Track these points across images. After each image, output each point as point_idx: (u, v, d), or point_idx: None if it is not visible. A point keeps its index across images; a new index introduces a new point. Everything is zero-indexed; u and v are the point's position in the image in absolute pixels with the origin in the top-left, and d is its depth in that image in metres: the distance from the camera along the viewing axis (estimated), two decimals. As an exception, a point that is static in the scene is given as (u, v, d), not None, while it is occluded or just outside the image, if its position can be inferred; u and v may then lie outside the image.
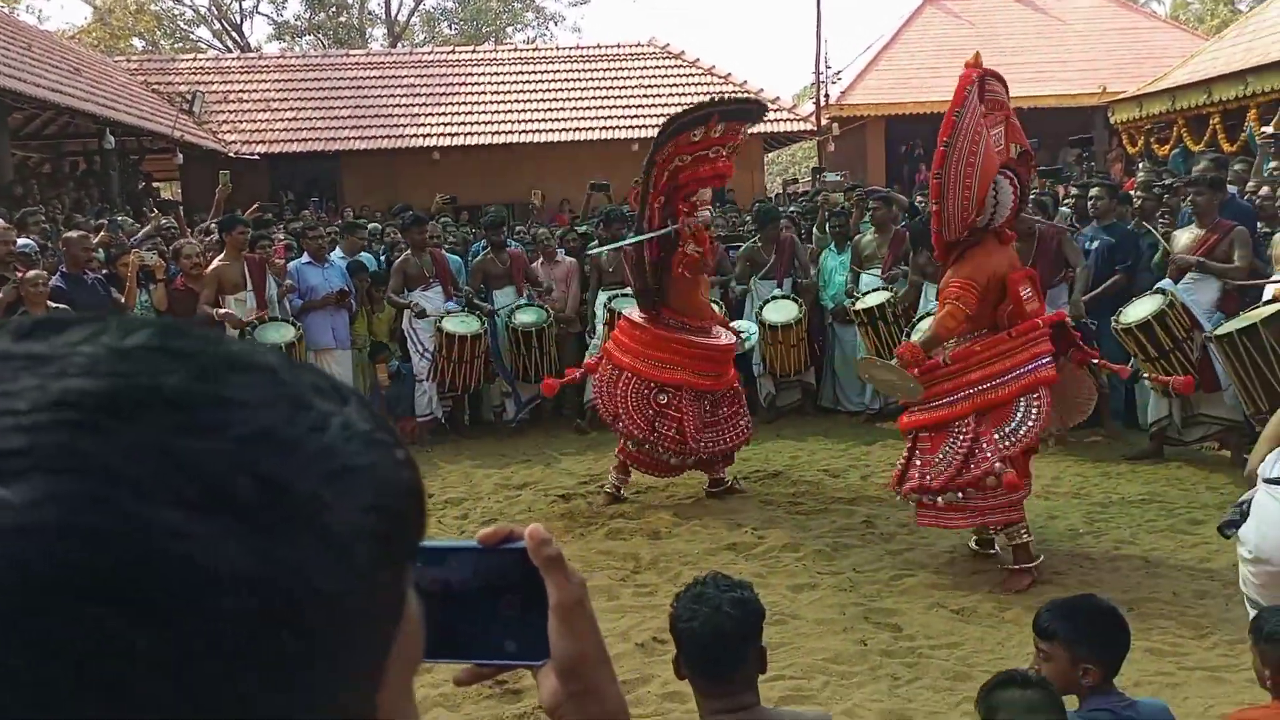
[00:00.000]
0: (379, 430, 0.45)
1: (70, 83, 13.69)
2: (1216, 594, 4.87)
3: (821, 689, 4.15)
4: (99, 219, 10.04)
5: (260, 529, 0.38)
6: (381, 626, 0.44)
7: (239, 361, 0.42)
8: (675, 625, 2.32)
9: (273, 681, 0.38)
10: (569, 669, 0.73)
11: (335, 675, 0.40)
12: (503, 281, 9.06)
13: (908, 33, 20.87)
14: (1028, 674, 2.32)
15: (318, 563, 0.39)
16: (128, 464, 0.36)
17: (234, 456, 0.38)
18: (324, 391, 0.43)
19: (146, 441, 0.37)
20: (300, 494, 0.39)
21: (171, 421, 0.38)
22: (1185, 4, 35.46)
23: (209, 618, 0.36)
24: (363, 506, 0.42)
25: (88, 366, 0.39)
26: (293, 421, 0.41)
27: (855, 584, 5.27)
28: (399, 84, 19.28)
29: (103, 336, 0.40)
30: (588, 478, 7.51)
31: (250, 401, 0.40)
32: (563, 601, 0.72)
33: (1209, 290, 7.00)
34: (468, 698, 4.19)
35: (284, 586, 0.38)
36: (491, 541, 0.73)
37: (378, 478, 0.43)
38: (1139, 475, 6.93)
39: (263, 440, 0.39)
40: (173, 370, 0.39)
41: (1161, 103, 14.20)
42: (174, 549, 0.36)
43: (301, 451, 0.40)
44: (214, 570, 0.36)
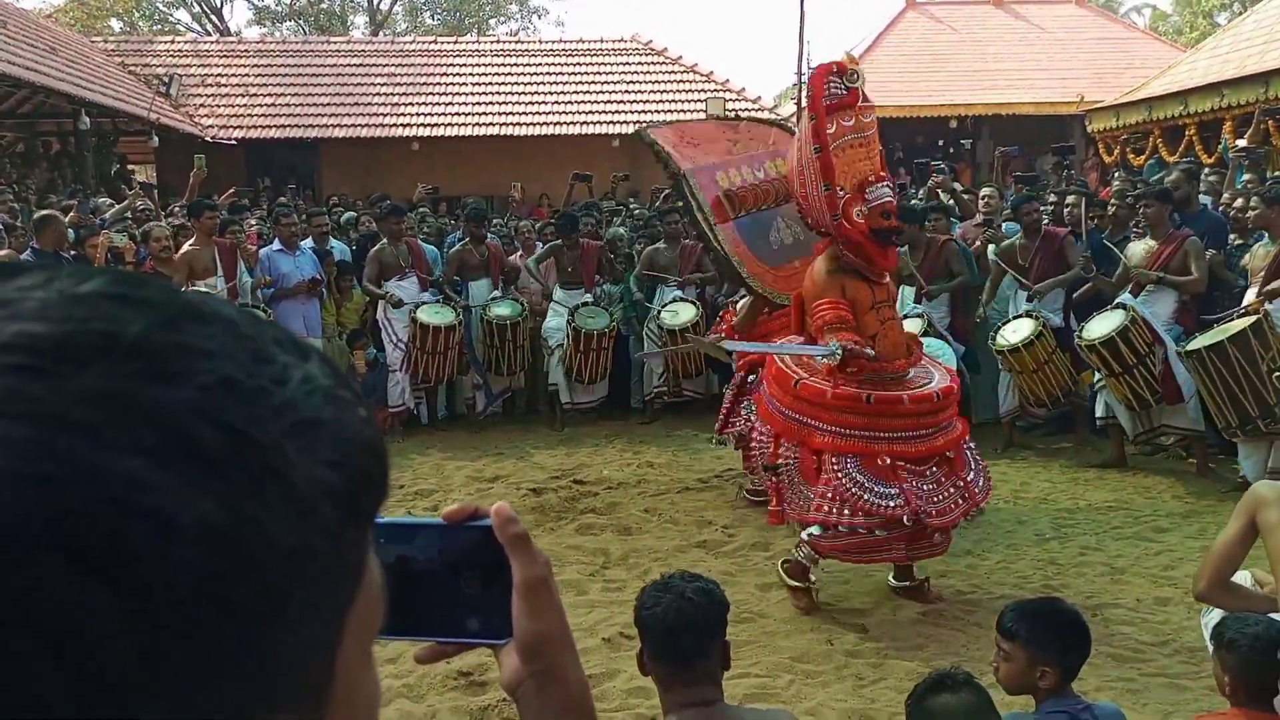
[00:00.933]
0: (340, 387, 0.43)
1: (46, 61, 13.53)
2: (1179, 601, 4.92)
3: (787, 687, 4.16)
4: (72, 199, 9.93)
5: (223, 479, 0.36)
6: (342, 587, 0.43)
7: (199, 311, 0.40)
8: (639, 614, 2.33)
9: (233, 637, 0.36)
10: (531, 648, 0.73)
11: (295, 634, 0.39)
12: (479, 273, 9.02)
13: (889, 36, 20.93)
14: (956, 675, 2.32)
15: (281, 517, 0.38)
16: (83, 410, 0.35)
17: (196, 405, 0.37)
18: (285, 345, 0.42)
19: (103, 387, 0.35)
20: (263, 445, 0.38)
21: (129, 368, 0.36)
22: (1164, 16, 35.78)
23: (169, 570, 0.34)
24: (325, 461, 0.40)
25: (39, 311, 0.37)
26: (254, 373, 0.39)
27: (823, 584, 5.28)
28: (380, 73, 19.16)
29: (56, 282, 0.39)
30: (559, 471, 7.50)
31: (212, 351, 0.39)
32: (527, 580, 0.71)
33: (1166, 303, 7.07)
34: (432, 688, 4.17)
35: (246, 539, 0.36)
36: (457, 518, 0.72)
37: (341, 434, 0.42)
38: (1106, 482, 6.99)
39: (225, 390, 0.38)
40: (131, 318, 0.38)
41: (1138, 113, 14.32)
42: (133, 498, 0.34)
43: (264, 402, 0.39)
44: (175, 520, 0.35)
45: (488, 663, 4.27)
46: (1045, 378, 7.37)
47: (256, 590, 0.37)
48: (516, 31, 32.63)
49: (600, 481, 7.22)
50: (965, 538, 5.93)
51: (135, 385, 0.36)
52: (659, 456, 7.79)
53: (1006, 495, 6.78)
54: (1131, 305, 6.90)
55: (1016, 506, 6.55)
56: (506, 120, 17.93)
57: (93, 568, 0.33)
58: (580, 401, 8.91)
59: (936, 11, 21.88)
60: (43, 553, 0.33)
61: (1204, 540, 5.83)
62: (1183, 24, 33.92)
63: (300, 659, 0.40)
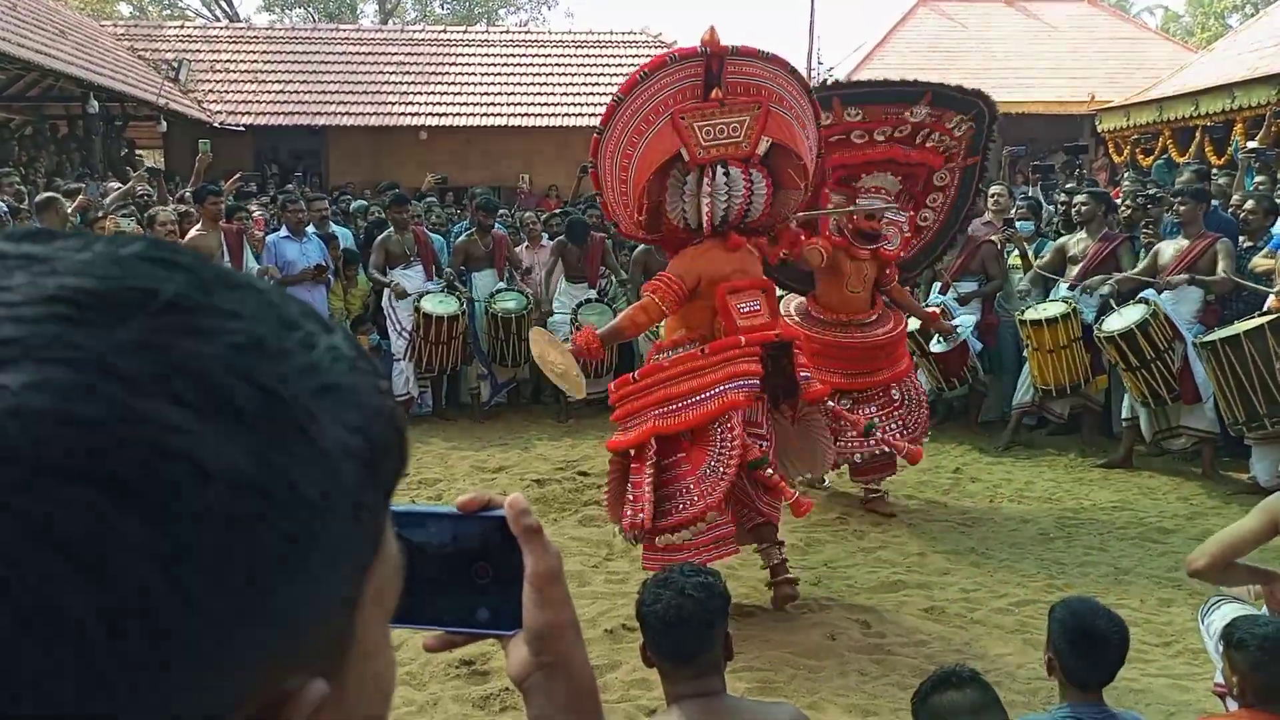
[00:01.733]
0: (362, 359, 0.45)
1: (55, 45, 13.52)
2: (1182, 603, 4.91)
3: (789, 682, 4.16)
4: (79, 183, 9.92)
5: (252, 432, 0.38)
6: (362, 549, 0.44)
7: (231, 278, 0.42)
8: (640, 609, 2.33)
9: (257, 584, 0.38)
10: (541, 640, 0.73)
11: (317, 589, 0.40)
12: (484, 264, 9.01)
13: (900, 32, 20.88)
14: (962, 672, 2.32)
15: (308, 472, 0.39)
16: (122, 359, 0.37)
17: (229, 360, 0.39)
18: (311, 316, 0.44)
19: (141, 339, 0.37)
20: (291, 403, 0.40)
21: (167, 323, 0.38)
22: (1176, 17, 35.67)
23: (201, 512, 0.36)
24: (349, 426, 0.42)
25: (82, 268, 0.39)
26: (282, 336, 0.41)
27: (826, 579, 5.28)
28: (389, 61, 19.13)
29: (97, 245, 0.41)
30: (564, 463, 7.50)
31: (243, 313, 0.41)
32: (540, 572, 0.71)
33: (1190, 302, 7.04)
34: (434, 677, 4.18)
35: (274, 491, 0.38)
36: (470, 508, 0.72)
37: (363, 401, 0.43)
38: (1111, 483, 6.98)
39: (257, 349, 0.40)
40: (168, 278, 0.40)
41: (1149, 113, 14.27)
42: (169, 442, 0.36)
43: (293, 364, 0.41)
44: (208, 466, 0.36)
45: (490, 652, 4.27)
46: (1059, 361, 7.32)
47: (282, 537, 0.38)
48: (526, 22, 32.62)
49: (604, 474, 7.19)
50: (970, 536, 5.94)
51: (171, 339, 0.38)
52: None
53: (1011, 494, 6.77)
54: (1154, 300, 6.88)
55: (1021, 506, 6.54)
56: (515, 111, 17.90)
57: (129, 502, 0.35)
58: (591, 393, 8.88)
59: (948, 9, 21.80)
60: (83, 485, 0.35)
61: (1208, 542, 5.82)
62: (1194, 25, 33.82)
63: (321, 611, 0.41)
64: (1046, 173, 12.27)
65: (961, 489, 6.90)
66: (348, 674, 0.44)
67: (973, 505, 6.54)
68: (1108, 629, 2.53)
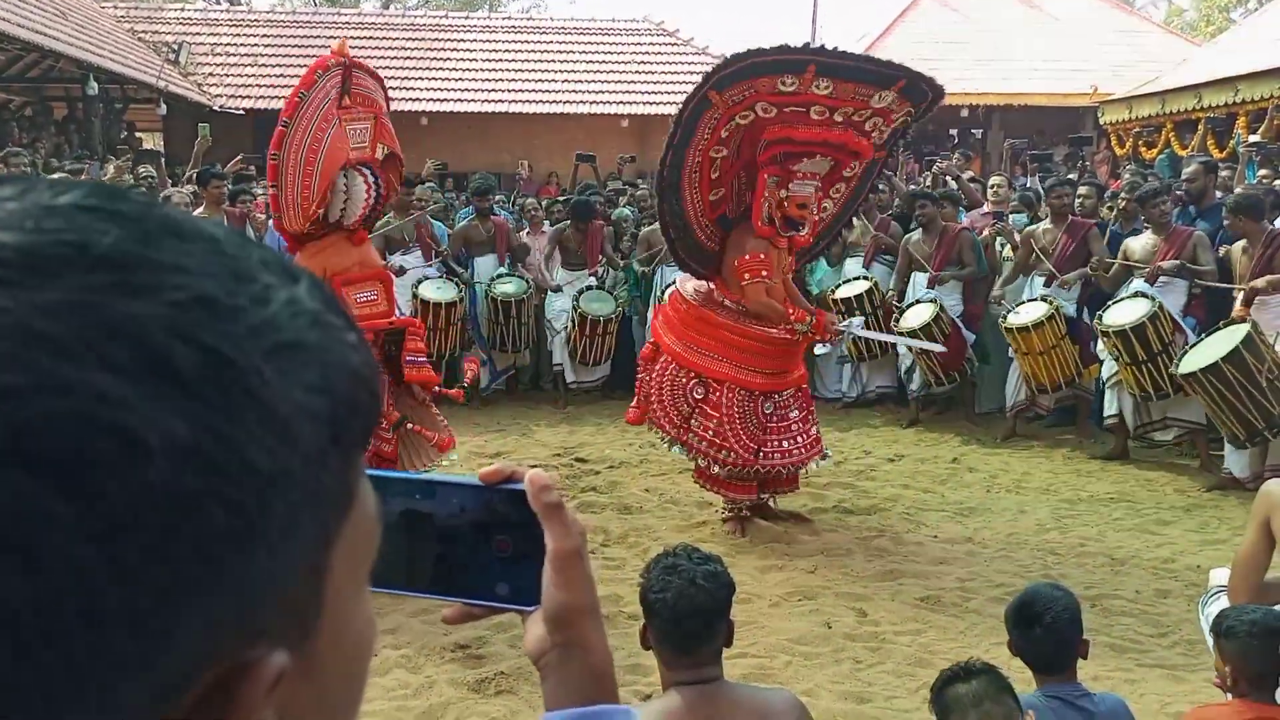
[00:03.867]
0: (329, 312, 0.42)
1: (55, 26, 13.47)
2: (1179, 594, 4.92)
3: (784, 668, 4.16)
4: (78, 164, 9.89)
5: (195, 398, 0.35)
6: (326, 513, 0.41)
7: (179, 228, 0.39)
8: (646, 596, 2.31)
9: (206, 559, 0.35)
10: (559, 618, 0.72)
11: (275, 559, 0.38)
12: (484, 249, 8.99)
13: (902, 24, 20.82)
14: (971, 664, 2.34)
15: (256, 439, 0.37)
16: (49, 322, 0.34)
17: (169, 322, 0.36)
18: (272, 267, 0.41)
19: (70, 300, 0.34)
20: (239, 366, 0.37)
21: (99, 281, 0.35)
22: (1180, 11, 35.57)
23: (139, 488, 0.34)
24: (307, 386, 0.39)
25: (10, 220, 0.36)
26: (233, 291, 0.38)
27: (823, 566, 5.28)
28: (390, 46, 19.07)
29: (31, 194, 0.38)
30: (562, 450, 7.50)
31: (189, 268, 0.37)
32: (560, 550, 0.70)
33: (1176, 295, 7.04)
34: (429, 659, 4.18)
35: (219, 461, 0.35)
36: (493, 480, 0.71)
37: (325, 359, 0.40)
38: (1109, 474, 6.98)
39: (200, 307, 0.37)
40: (104, 229, 0.37)
41: (1151, 105, 14.24)
42: (99, 413, 0.33)
43: (241, 322, 0.38)
44: (144, 437, 0.34)
45: (486, 635, 4.28)
46: (1050, 362, 7.34)
47: (230, 510, 0.36)
48: (528, 9, 32.52)
49: (602, 460, 7.22)
50: (966, 526, 5.94)
51: (104, 298, 0.35)
52: (661, 437, 7.77)
53: (1008, 484, 6.78)
54: (1155, 295, 6.86)
55: (1018, 496, 6.54)
56: (516, 98, 17.86)
57: (57, 480, 0.32)
58: (584, 380, 8.91)
59: (951, 0, 21.75)
60: (6, 464, 0.32)
61: (1205, 534, 5.83)
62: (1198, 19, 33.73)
63: (279, 580, 0.39)
64: (1044, 162, 12.25)
65: (959, 479, 6.90)
66: (320, 639, 0.42)
67: (970, 495, 6.54)
68: (1043, 608, 2.58)
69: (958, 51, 19.66)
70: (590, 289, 8.68)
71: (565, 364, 8.81)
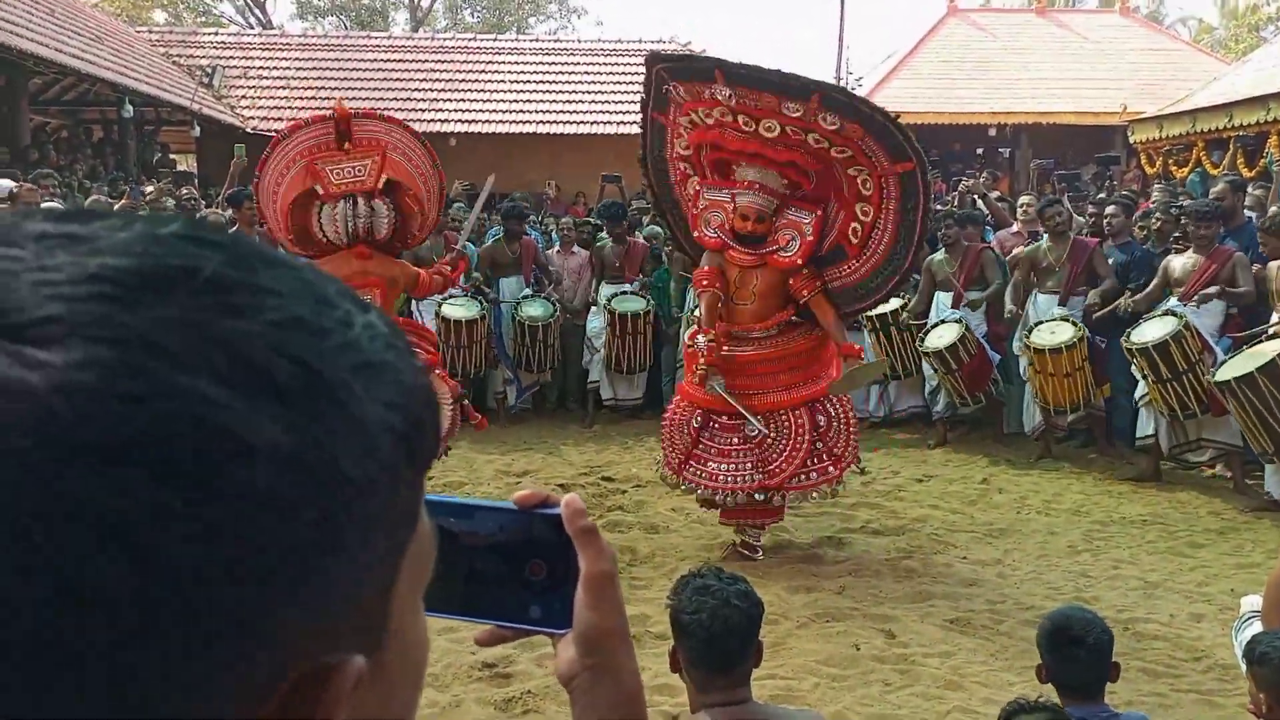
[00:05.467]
0: (397, 338, 0.45)
1: (91, 50, 13.70)
2: (1213, 618, 4.85)
3: (812, 690, 4.14)
4: (113, 187, 10.04)
5: (293, 408, 0.38)
6: (399, 527, 0.44)
7: (268, 256, 0.42)
8: (679, 617, 2.30)
9: (298, 561, 0.38)
10: (591, 641, 0.73)
11: (356, 566, 0.41)
12: (510, 270, 9.05)
13: (930, 42, 20.81)
14: (1033, 702, 2.32)
15: (347, 449, 0.39)
16: (165, 336, 0.37)
17: (269, 338, 0.39)
18: (346, 295, 0.44)
19: (183, 317, 0.38)
20: (331, 380, 0.40)
21: (207, 301, 0.38)
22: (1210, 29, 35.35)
23: (243, 490, 0.36)
24: (386, 403, 0.42)
25: (123, 247, 0.39)
26: (320, 314, 0.42)
27: (851, 587, 5.25)
28: (419, 68, 19.25)
29: (137, 224, 0.41)
30: (588, 468, 7.50)
31: (282, 291, 0.41)
32: (594, 574, 0.71)
33: (1213, 315, 6.98)
34: (457, 678, 4.19)
35: (315, 467, 0.38)
36: (528, 504, 0.72)
37: (399, 379, 0.43)
38: (1140, 496, 6.90)
39: (295, 326, 0.40)
40: (207, 255, 0.40)
41: (1182, 124, 14.13)
42: (212, 418, 0.36)
43: (331, 340, 0.41)
44: (250, 443, 0.37)
45: (513, 655, 4.28)
46: (1069, 385, 7.29)
47: (321, 515, 0.38)
48: (555, 30, 32.73)
49: (629, 479, 7.22)
50: (996, 547, 5.89)
51: (211, 316, 0.38)
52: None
53: (1039, 506, 6.72)
54: (1183, 312, 6.81)
55: (1049, 518, 6.48)
56: (544, 118, 17.96)
57: (171, 479, 0.35)
58: (623, 398, 8.91)
59: (979, 18, 21.73)
60: (125, 463, 0.35)
61: (1239, 557, 5.75)
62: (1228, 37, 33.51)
63: (357, 591, 0.41)
64: (1073, 181, 12.18)
65: (988, 500, 6.85)
66: (385, 650, 0.44)
67: (1000, 516, 6.49)
68: (1082, 633, 2.56)
69: (985, 71, 19.62)
70: (624, 293, 8.73)
71: (602, 380, 8.85)
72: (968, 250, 8.10)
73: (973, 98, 18.72)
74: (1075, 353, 7.18)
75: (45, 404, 0.34)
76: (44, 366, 0.35)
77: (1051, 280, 7.68)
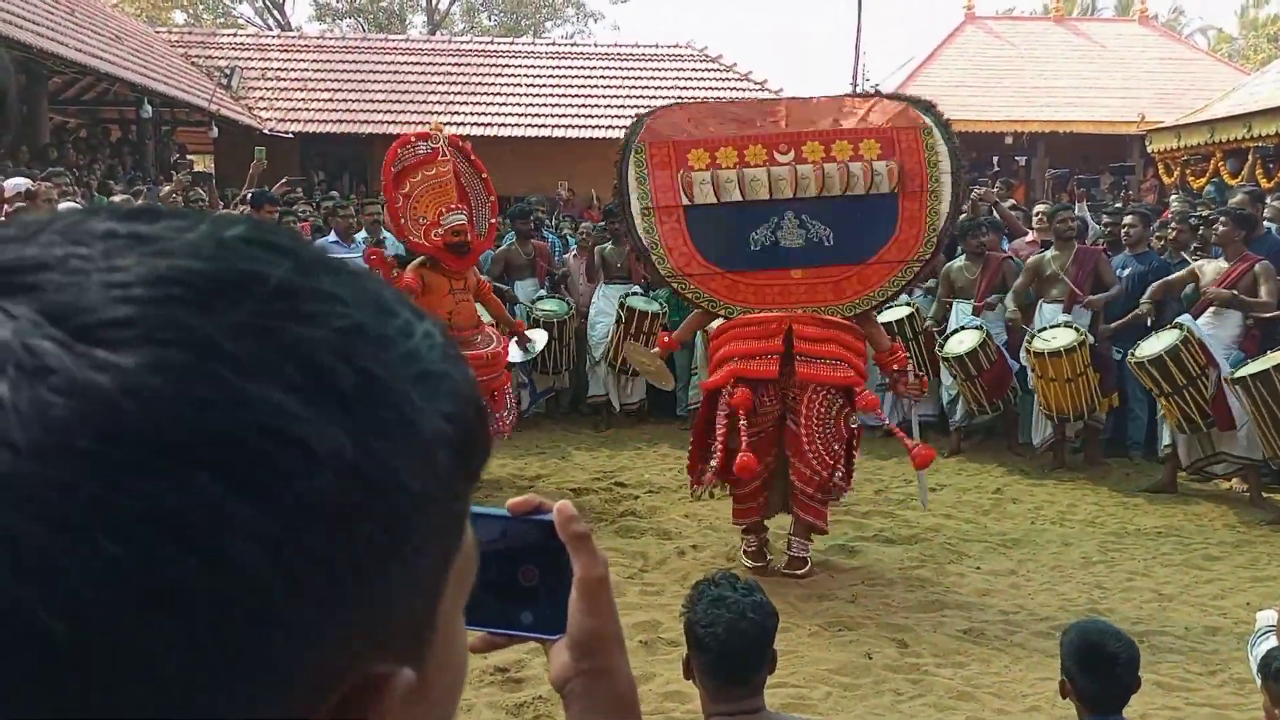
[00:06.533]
0: (452, 347, 0.45)
1: (111, 50, 13.78)
2: (1228, 631, 4.82)
3: (823, 699, 4.12)
4: (132, 186, 10.09)
5: (357, 419, 0.38)
6: (449, 537, 0.44)
7: (330, 263, 0.42)
8: (693, 630, 2.29)
9: (357, 569, 0.38)
10: (584, 646, 0.73)
11: (409, 577, 0.41)
12: (525, 272, 9.06)
13: (947, 50, 20.77)
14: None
15: (407, 460, 0.40)
16: (234, 342, 0.37)
17: (334, 345, 0.39)
18: (404, 303, 0.44)
19: (252, 323, 0.38)
20: (394, 390, 0.40)
21: (275, 307, 0.38)
22: (1229, 39, 35.20)
23: (309, 496, 0.37)
24: (443, 414, 0.42)
25: (191, 249, 0.39)
26: (382, 322, 0.42)
27: (863, 596, 5.24)
28: (435, 71, 19.31)
29: (202, 225, 0.41)
30: (601, 474, 7.50)
31: (345, 299, 0.41)
32: (587, 578, 0.72)
33: (1230, 326, 6.94)
34: (469, 683, 4.18)
35: (377, 477, 0.38)
36: (521, 510, 0.72)
37: (455, 389, 0.43)
38: (1156, 508, 6.87)
39: (359, 334, 0.40)
40: (273, 261, 0.40)
41: (1200, 134, 14.08)
42: (279, 426, 0.36)
43: (393, 350, 0.41)
44: (316, 451, 0.37)
45: (524, 659, 4.28)
46: (1073, 390, 7.26)
47: (380, 524, 0.39)
48: (572, 34, 32.78)
49: (641, 485, 7.22)
50: (1010, 557, 5.87)
51: (279, 323, 0.38)
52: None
53: (1053, 516, 6.69)
54: (1187, 325, 6.78)
55: (1063, 528, 6.46)
56: (559, 122, 17.99)
57: (241, 485, 0.35)
58: (627, 402, 8.91)
59: (996, 26, 21.69)
60: (197, 467, 0.35)
61: (1255, 570, 5.72)
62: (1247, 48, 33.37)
63: (410, 601, 0.42)
64: (1091, 187, 12.15)
65: (1002, 509, 6.82)
66: (430, 662, 0.45)
67: (1014, 526, 6.46)
68: (1116, 649, 2.53)
69: (1001, 79, 19.57)
70: (634, 294, 8.74)
71: (611, 391, 8.84)
72: (989, 259, 8.07)
73: (989, 106, 18.67)
74: (1076, 357, 7.16)
75: (115, 406, 0.34)
76: (114, 368, 0.35)
77: (1056, 289, 7.65)
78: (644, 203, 5.43)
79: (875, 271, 5.39)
